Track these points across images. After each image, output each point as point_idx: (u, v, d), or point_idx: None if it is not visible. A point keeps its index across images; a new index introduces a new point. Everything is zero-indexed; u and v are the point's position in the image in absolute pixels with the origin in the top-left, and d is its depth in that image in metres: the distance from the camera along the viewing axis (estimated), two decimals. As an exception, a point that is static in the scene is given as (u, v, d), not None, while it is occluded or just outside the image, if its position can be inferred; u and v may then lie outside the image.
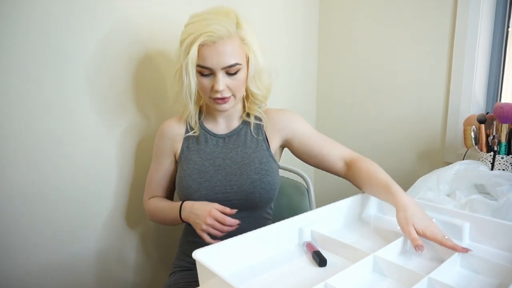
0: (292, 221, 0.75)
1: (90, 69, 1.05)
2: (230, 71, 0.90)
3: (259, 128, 1.02)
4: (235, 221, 0.87)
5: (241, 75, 0.92)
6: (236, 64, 0.89)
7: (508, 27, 1.32)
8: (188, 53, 0.87)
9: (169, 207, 0.99)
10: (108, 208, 1.15)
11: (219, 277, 0.55)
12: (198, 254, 0.61)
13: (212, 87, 0.90)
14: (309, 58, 1.73)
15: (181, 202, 0.95)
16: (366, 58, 1.58)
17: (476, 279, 0.64)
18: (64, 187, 1.04)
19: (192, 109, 0.98)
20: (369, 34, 1.55)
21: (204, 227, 0.86)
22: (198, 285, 0.62)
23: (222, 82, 0.89)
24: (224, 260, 0.65)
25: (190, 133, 1.01)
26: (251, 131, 1.01)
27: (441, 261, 0.66)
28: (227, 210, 0.88)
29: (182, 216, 0.93)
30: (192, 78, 0.90)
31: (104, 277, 1.17)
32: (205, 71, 0.89)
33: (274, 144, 1.02)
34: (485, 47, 1.30)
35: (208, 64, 0.88)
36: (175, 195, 1.10)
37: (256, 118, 1.02)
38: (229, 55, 0.88)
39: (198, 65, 0.89)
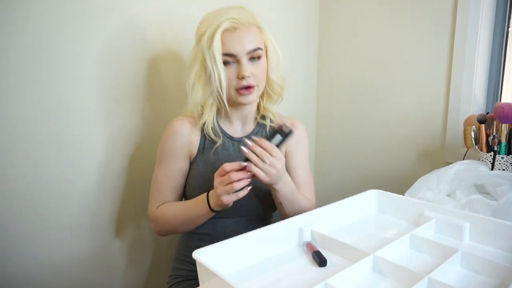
0: (292, 221, 0.75)
1: (89, 70, 1.05)
2: (254, 56, 0.90)
3: (272, 128, 1.02)
4: (236, 167, 0.79)
5: (263, 62, 0.93)
6: (259, 48, 0.91)
7: (508, 27, 1.32)
8: (211, 43, 0.87)
9: (190, 204, 0.92)
10: (106, 209, 1.15)
11: (219, 277, 0.55)
12: (198, 254, 0.61)
13: (237, 75, 0.90)
14: (309, 58, 1.73)
15: (206, 193, 0.88)
16: (366, 58, 1.58)
17: (476, 279, 0.64)
18: (62, 188, 1.04)
19: (209, 114, 0.95)
20: (369, 34, 1.55)
21: (218, 190, 0.80)
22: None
23: (248, 67, 0.90)
24: (224, 260, 0.65)
25: (217, 144, 0.97)
26: (266, 135, 1.01)
27: (441, 261, 0.66)
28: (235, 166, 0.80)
29: (211, 203, 0.86)
30: (220, 67, 0.88)
31: (101, 281, 1.17)
32: (229, 59, 0.89)
33: (283, 150, 1.03)
34: (485, 47, 1.30)
35: (233, 50, 0.88)
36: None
37: (270, 121, 1.03)
38: (251, 40, 0.89)
39: (223, 54, 0.88)
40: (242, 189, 0.80)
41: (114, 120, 1.12)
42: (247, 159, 0.80)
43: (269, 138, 0.83)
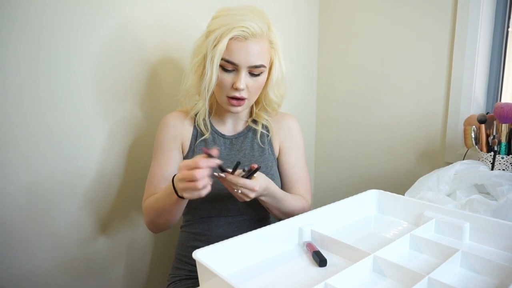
0: (292, 221, 0.75)
1: (92, 71, 1.05)
2: (254, 72, 0.88)
3: (264, 135, 1.02)
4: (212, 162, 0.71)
5: (262, 78, 0.91)
6: (262, 65, 0.88)
7: (508, 27, 1.32)
8: (216, 45, 0.85)
9: (163, 191, 0.85)
10: (109, 209, 1.15)
11: (219, 277, 0.55)
12: (198, 254, 0.61)
13: (232, 84, 0.88)
14: (309, 58, 1.73)
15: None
16: (366, 59, 1.58)
17: (476, 279, 0.64)
18: (61, 188, 1.04)
19: (206, 105, 0.94)
20: (369, 35, 1.55)
21: (180, 185, 0.73)
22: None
23: (244, 80, 0.88)
24: (224, 260, 0.65)
25: (204, 137, 0.97)
26: (259, 135, 1.01)
27: (441, 261, 0.66)
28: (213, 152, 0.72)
29: (176, 187, 0.79)
30: (215, 70, 0.87)
31: (100, 281, 1.17)
32: (229, 66, 0.87)
33: (276, 148, 1.03)
34: (485, 47, 1.30)
35: (235, 59, 0.86)
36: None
37: (263, 126, 1.02)
38: (258, 55, 0.87)
39: (223, 59, 0.86)
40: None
41: (113, 119, 1.12)
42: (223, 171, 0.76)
43: (234, 170, 0.77)
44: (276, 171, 1.01)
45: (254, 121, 1.02)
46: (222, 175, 0.76)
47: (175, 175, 0.81)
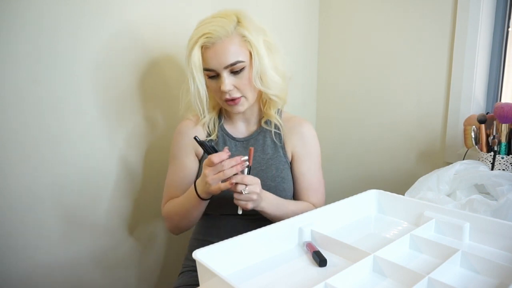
0: (292, 221, 0.75)
1: (92, 71, 1.05)
2: (234, 69, 0.89)
3: (277, 135, 1.01)
4: (227, 154, 0.81)
5: (246, 73, 0.91)
6: (238, 62, 0.88)
7: (508, 27, 1.32)
8: (189, 59, 0.88)
9: (185, 196, 0.92)
10: (106, 209, 1.15)
11: (219, 277, 0.55)
12: (198, 254, 0.61)
13: (220, 88, 0.90)
14: (309, 58, 1.73)
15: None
16: (366, 59, 1.58)
17: (476, 279, 0.64)
18: (63, 188, 1.04)
19: (207, 115, 0.97)
20: (369, 35, 1.55)
21: (209, 179, 0.80)
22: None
23: (228, 81, 0.89)
24: (224, 260, 0.65)
25: (210, 137, 1.00)
26: (271, 137, 1.01)
27: (441, 261, 0.66)
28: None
29: (199, 191, 0.86)
30: (199, 83, 0.90)
31: (106, 276, 1.17)
32: (210, 73, 0.90)
33: (289, 153, 1.02)
34: (485, 47, 1.30)
35: (211, 65, 0.88)
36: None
37: (275, 126, 1.01)
38: (230, 53, 0.87)
39: (204, 68, 0.89)
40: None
41: (117, 121, 1.12)
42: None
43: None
44: (288, 174, 1.00)
45: (267, 122, 1.02)
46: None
47: (195, 181, 0.88)
